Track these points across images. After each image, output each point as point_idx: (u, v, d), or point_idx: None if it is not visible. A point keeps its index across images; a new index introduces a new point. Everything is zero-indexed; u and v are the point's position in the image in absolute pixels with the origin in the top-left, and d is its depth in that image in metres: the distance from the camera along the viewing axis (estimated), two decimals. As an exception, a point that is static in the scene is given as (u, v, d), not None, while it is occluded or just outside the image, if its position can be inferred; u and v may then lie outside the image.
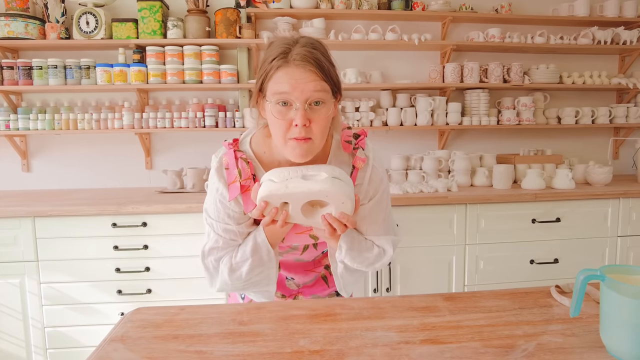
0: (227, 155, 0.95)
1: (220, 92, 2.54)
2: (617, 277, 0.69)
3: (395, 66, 2.64)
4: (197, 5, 2.33)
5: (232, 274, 0.98)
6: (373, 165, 0.99)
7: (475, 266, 2.11)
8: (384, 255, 1.03)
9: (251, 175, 0.94)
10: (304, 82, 0.83)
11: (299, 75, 0.84)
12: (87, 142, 2.52)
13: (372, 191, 1.00)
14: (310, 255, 1.13)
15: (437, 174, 2.36)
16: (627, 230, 2.17)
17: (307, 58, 0.84)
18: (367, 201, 1.00)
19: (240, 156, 0.94)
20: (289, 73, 0.84)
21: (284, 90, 0.84)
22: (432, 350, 0.70)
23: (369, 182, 0.99)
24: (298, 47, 0.86)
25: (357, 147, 0.99)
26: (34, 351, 1.95)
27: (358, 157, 0.97)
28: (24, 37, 2.23)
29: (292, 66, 0.84)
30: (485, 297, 0.91)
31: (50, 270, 1.93)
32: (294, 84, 0.83)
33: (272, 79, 0.86)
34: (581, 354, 0.68)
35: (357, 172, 0.98)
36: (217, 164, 0.96)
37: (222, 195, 0.95)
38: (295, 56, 0.84)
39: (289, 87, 0.83)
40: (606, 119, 2.61)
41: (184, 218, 1.95)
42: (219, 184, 0.95)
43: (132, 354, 0.71)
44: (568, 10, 2.56)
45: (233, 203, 0.95)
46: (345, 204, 0.86)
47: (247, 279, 0.99)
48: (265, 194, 0.86)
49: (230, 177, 0.94)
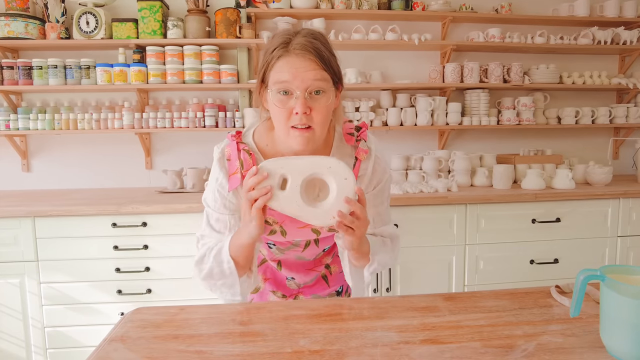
0: (230, 146, 0.96)
1: (220, 92, 2.54)
2: (617, 277, 0.69)
3: (395, 66, 2.64)
4: (197, 5, 2.33)
5: (197, 265, 0.98)
6: (376, 156, 1.01)
7: (475, 266, 2.11)
8: (398, 240, 1.06)
9: (252, 167, 0.94)
10: (303, 70, 0.85)
11: (299, 64, 0.85)
12: (87, 142, 2.52)
13: (375, 181, 1.02)
14: (312, 254, 1.13)
15: (437, 174, 2.36)
16: (627, 230, 2.17)
17: (307, 47, 0.86)
18: (372, 187, 1.02)
19: (243, 148, 0.95)
20: (290, 62, 0.85)
21: (284, 79, 0.85)
22: (432, 350, 0.70)
23: (373, 172, 1.01)
24: (299, 37, 0.87)
25: (360, 139, 1.00)
26: (33, 351, 1.95)
27: (360, 149, 0.99)
28: (24, 37, 2.23)
29: (293, 55, 0.86)
30: (485, 297, 0.91)
31: (50, 270, 1.93)
32: (294, 72, 0.85)
33: (274, 68, 0.87)
34: (581, 354, 0.68)
35: (359, 163, 1.00)
36: (219, 154, 0.97)
37: (222, 185, 0.96)
38: (296, 45, 0.86)
39: (289, 75, 0.85)
40: (606, 119, 2.61)
41: (184, 218, 1.94)
42: (220, 174, 0.96)
43: (132, 354, 0.71)
44: (568, 11, 2.56)
45: (231, 194, 0.96)
46: (348, 180, 0.85)
47: (207, 277, 0.97)
48: (266, 164, 0.85)
49: (232, 168, 0.95)
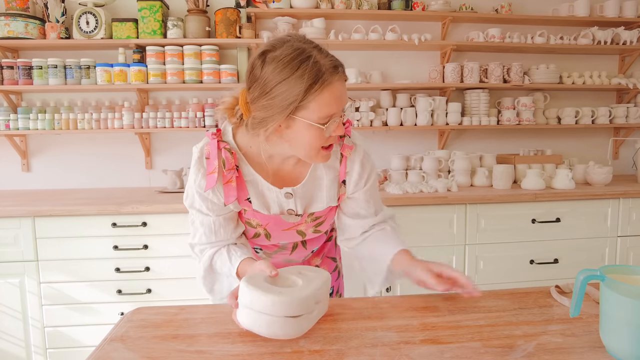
0: (210, 145, 0.92)
1: (220, 92, 2.53)
2: (617, 277, 0.69)
3: (395, 66, 2.64)
4: (197, 5, 2.33)
5: (203, 267, 1.02)
6: (364, 151, 1.01)
7: (475, 266, 2.11)
8: (395, 220, 1.10)
9: (234, 166, 0.92)
10: (344, 95, 0.84)
11: (341, 90, 0.83)
12: (87, 142, 2.52)
13: (366, 174, 1.02)
14: (300, 256, 1.12)
15: (437, 174, 2.36)
16: (627, 230, 2.17)
17: (337, 67, 0.82)
18: (364, 183, 1.02)
19: (224, 147, 0.92)
20: (333, 91, 0.81)
21: (332, 112, 0.83)
22: (432, 350, 0.70)
23: (362, 168, 1.01)
24: (322, 58, 0.81)
25: (344, 135, 0.99)
26: (33, 351, 1.95)
27: (345, 145, 0.98)
28: (24, 36, 2.23)
29: (335, 82, 0.82)
30: (485, 297, 0.91)
31: (50, 270, 1.93)
32: (338, 101, 0.83)
33: (314, 101, 0.81)
34: (581, 354, 0.68)
35: (345, 159, 0.99)
36: (198, 153, 0.94)
37: (200, 186, 0.93)
38: (330, 69, 0.80)
39: (336, 107, 0.83)
40: (606, 119, 2.61)
41: (184, 218, 1.93)
42: (197, 175, 0.93)
43: (132, 353, 0.71)
44: (568, 11, 2.56)
45: (211, 193, 0.93)
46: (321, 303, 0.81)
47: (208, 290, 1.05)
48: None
49: (210, 166, 0.91)
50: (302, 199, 0.98)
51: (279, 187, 0.96)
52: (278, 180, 0.97)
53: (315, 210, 1.01)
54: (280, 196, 0.97)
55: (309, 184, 0.98)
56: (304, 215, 1.00)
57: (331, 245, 1.23)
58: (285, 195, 0.97)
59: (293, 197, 0.97)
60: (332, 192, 1.00)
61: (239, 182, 0.94)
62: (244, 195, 0.96)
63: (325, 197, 1.00)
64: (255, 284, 0.73)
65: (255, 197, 0.97)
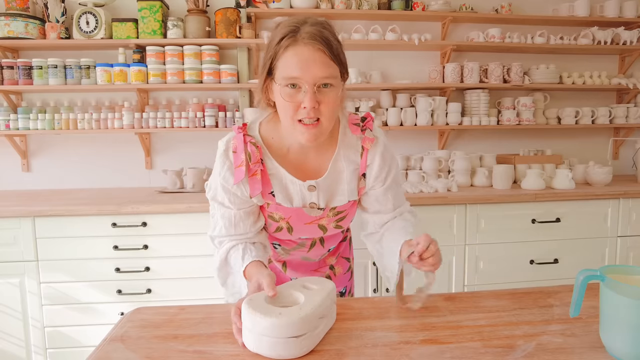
0: (236, 138, 0.94)
1: (220, 92, 2.54)
2: (617, 277, 0.69)
3: (395, 66, 2.64)
4: (197, 5, 2.33)
5: (219, 259, 1.02)
6: (384, 144, 1.01)
7: (475, 266, 2.11)
8: (413, 213, 1.12)
9: (259, 160, 0.94)
10: (313, 63, 0.83)
11: (308, 55, 0.83)
12: (87, 142, 2.52)
13: (387, 167, 1.02)
14: (317, 254, 1.13)
15: (437, 174, 2.36)
16: (627, 230, 2.17)
17: (316, 37, 0.83)
18: (384, 176, 1.02)
19: (250, 140, 0.94)
20: (298, 53, 0.83)
21: (294, 74, 0.83)
22: (432, 350, 0.70)
23: (383, 160, 1.01)
24: (307, 26, 0.84)
25: (365, 128, 1.00)
26: (33, 351, 1.95)
27: (367, 138, 0.99)
28: (24, 36, 2.23)
29: (301, 45, 0.83)
30: (485, 297, 0.91)
31: (50, 270, 1.92)
32: (303, 66, 0.82)
33: (281, 59, 0.84)
34: (581, 354, 0.68)
35: (366, 152, 1.00)
36: (224, 146, 0.95)
37: (225, 178, 0.95)
38: (305, 35, 0.83)
39: (298, 70, 0.83)
40: (606, 119, 2.61)
41: (184, 218, 1.94)
42: (223, 168, 0.95)
43: (132, 353, 0.71)
44: (568, 11, 2.56)
45: (236, 187, 0.95)
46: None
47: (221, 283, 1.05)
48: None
49: (237, 160, 0.93)
50: (324, 192, 0.99)
51: (302, 180, 0.97)
52: (300, 174, 0.98)
53: (337, 204, 1.01)
54: (303, 189, 0.98)
55: (331, 177, 0.99)
56: (325, 209, 1.01)
57: (346, 245, 1.24)
58: (308, 187, 0.98)
59: (316, 190, 0.98)
60: (353, 185, 1.01)
61: (263, 175, 0.96)
62: (268, 188, 0.97)
63: (347, 190, 1.01)
64: (255, 306, 0.72)
65: (278, 190, 0.98)
